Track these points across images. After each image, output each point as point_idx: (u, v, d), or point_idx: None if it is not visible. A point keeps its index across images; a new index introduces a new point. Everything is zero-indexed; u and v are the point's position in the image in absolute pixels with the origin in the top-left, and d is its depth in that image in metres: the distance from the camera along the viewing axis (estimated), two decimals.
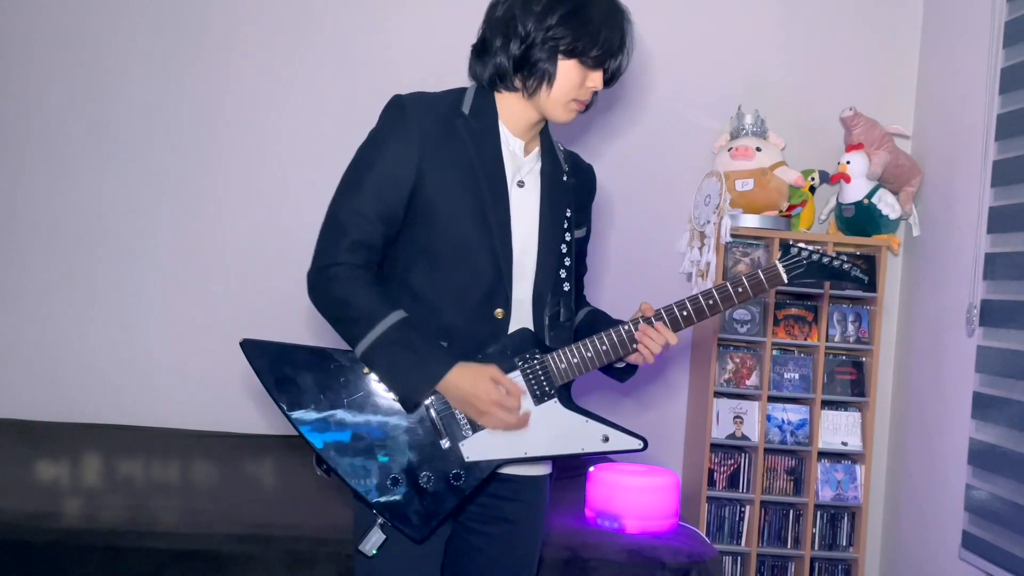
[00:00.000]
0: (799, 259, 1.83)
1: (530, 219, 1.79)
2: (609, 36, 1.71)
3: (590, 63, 1.72)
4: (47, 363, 3.60)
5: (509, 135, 1.80)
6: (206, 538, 2.45)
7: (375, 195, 1.70)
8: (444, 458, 1.71)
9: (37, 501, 2.60)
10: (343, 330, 1.72)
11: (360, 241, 1.71)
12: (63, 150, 3.60)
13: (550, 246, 1.80)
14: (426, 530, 1.72)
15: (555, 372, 1.75)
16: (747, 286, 1.80)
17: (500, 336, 1.74)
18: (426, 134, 1.71)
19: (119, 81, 3.60)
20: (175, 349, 3.60)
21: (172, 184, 3.62)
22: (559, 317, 1.81)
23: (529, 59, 1.71)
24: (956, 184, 3.30)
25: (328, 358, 1.73)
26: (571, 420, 1.76)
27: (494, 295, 1.74)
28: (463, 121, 1.75)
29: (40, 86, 3.59)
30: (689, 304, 1.79)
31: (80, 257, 3.60)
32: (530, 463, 1.80)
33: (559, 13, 1.68)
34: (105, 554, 2.40)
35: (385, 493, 1.70)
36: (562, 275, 1.82)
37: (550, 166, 1.85)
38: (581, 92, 1.75)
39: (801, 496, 3.48)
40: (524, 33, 1.70)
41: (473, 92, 1.80)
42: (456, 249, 1.72)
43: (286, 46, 3.62)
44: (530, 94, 1.75)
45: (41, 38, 3.59)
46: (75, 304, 3.60)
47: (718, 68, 3.70)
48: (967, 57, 3.29)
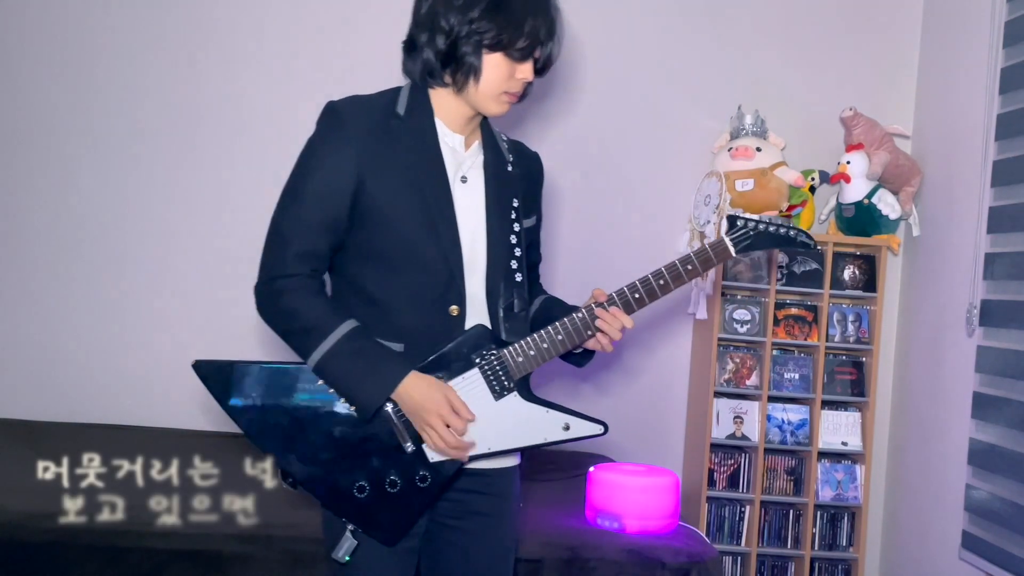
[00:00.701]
0: (746, 230, 1.83)
1: (476, 213, 1.79)
2: (535, 26, 1.69)
3: (516, 55, 1.70)
4: (47, 363, 3.60)
5: (447, 131, 1.79)
6: (206, 538, 2.45)
7: (316, 204, 1.70)
8: (409, 461, 1.72)
9: (37, 501, 2.59)
10: (294, 342, 1.71)
11: (305, 251, 1.70)
12: (63, 150, 3.59)
13: (499, 238, 1.79)
14: (397, 533, 1.73)
15: (512, 366, 1.75)
16: (696, 263, 1.81)
17: (456, 333, 1.74)
18: (362, 139, 1.71)
19: (119, 81, 3.60)
20: (175, 349, 3.59)
21: (172, 184, 3.62)
22: (513, 308, 1.80)
23: (455, 54, 1.70)
24: (956, 184, 3.30)
25: (283, 372, 1.73)
26: (532, 411, 1.77)
27: (447, 292, 1.73)
28: (399, 122, 1.74)
29: (40, 86, 3.59)
30: (640, 286, 1.80)
31: (80, 257, 3.60)
32: (496, 457, 1.80)
33: (481, 6, 1.67)
34: (105, 554, 2.40)
35: (353, 501, 1.71)
36: (513, 266, 1.81)
37: (492, 158, 1.84)
38: (511, 84, 1.73)
39: (801, 496, 3.48)
40: (448, 28, 1.69)
41: (408, 90, 1.79)
42: (404, 250, 1.72)
43: (289, 48, 3.62)
44: (459, 89, 1.74)
45: (41, 38, 3.59)
46: (75, 304, 3.60)
47: (718, 68, 3.70)
48: (967, 57, 3.29)
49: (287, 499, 2.83)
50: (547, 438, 1.78)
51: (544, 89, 3.66)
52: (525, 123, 3.62)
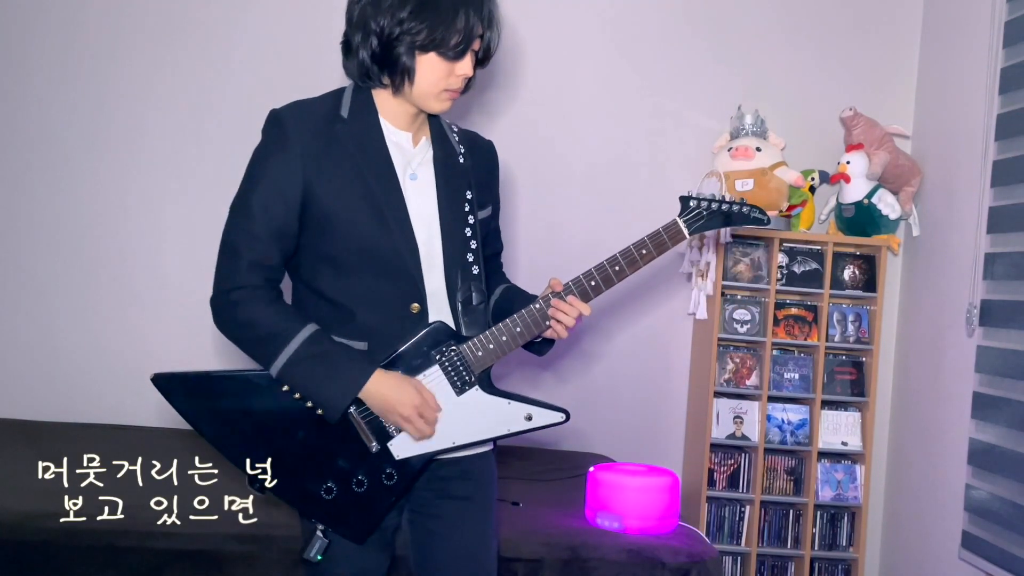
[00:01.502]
0: (699, 211, 1.85)
1: (429, 209, 1.78)
2: (468, 23, 1.66)
3: (451, 55, 1.68)
4: (47, 363, 3.60)
5: (393, 129, 1.78)
6: (206, 538, 2.45)
7: (263, 214, 1.69)
8: (375, 460, 1.73)
9: (37, 501, 2.59)
10: (254, 352, 1.71)
11: (256, 262, 1.70)
12: (63, 150, 3.59)
13: (453, 232, 1.79)
14: (366, 531, 1.75)
15: (472, 361, 1.76)
16: (650, 246, 1.83)
17: (418, 330, 1.74)
18: (307, 145, 1.69)
19: (119, 81, 3.60)
20: (175, 349, 3.60)
21: (172, 184, 3.62)
22: (472, 301, 1.81)
23: (388, 56, 1.68)
24: (956, 184, 3.30)
25: (245, 381, 1.73)
26: (494, 404, 1.79)
27: (407, 291, 1.73)
28: (343, 125, 1.73)
29: (40, 86, 3.59)
30: (596, 273, 1.82)
31: (80, 257, 3.60)
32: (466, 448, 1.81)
33: (410, 6, 1.64)
34: (105, 554, 2.39)
35: (321, 503, 1.73)
36: (470, 259, 1.82)
37: (442, 152, 1.83)
38: (450, 82, 1.72)
39: (801, 496, 3.48)
40: (378, 30, 1.67)
41: (351, 92, 1.78)
42: (359, 253, 1.71)
43: (289, 47, 3.62)
44: (396, 90, 1.73)
45: (41, 38, 3.59)
46: (75, 304, 3.60)
47: (718, 68, 3.70)
48: (967, 57, 3.29)
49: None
50: (510, 428, 1.80)
51: (543, 89, 3.66)
52: (525, 123, 3.62)
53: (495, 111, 3.59)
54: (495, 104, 3.60)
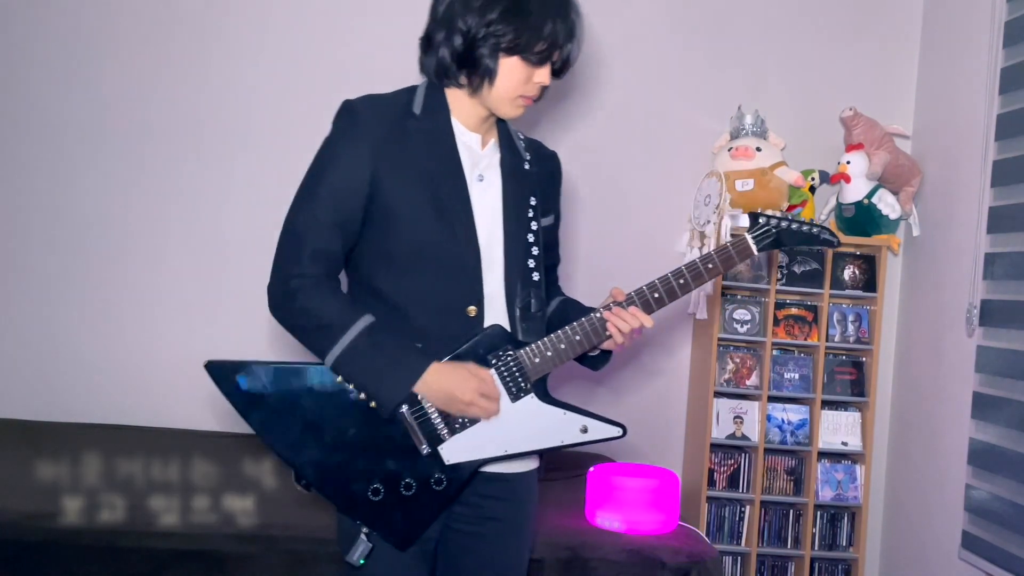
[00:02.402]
0: (767, 228, 1.80)
1: (493, 212, 1.77)
2: (554, 30, 1.67)
3: (534, 60, 1.68)
4: (47, 363, 3.60)
5: (463, 130, 1.77)
6: (206, 538, 2.45)
7: (330, 203, 1.68)
8: (424, 463, 1.70)
9: (37, 501, 2.59)
10: (310, 342, 1.69)
11: (320, 250, 1.68)
12: (63, 150, 3.59)
13: (516, 237, 1.78)
14: (411, 537, 1.71)
15: (529, 367, 1.73)
16: (717, 261, 1.78)
17: (474, 333, 1.71)
18: (378, 138, 1.69)
19: (119, 81, 3.60)
20: (175, 349, 3.60)
21: (173, 184, 3.62)
22: (530, 308, 1.78)
23: (471, 56, 1.68)
24: (956, 184, 3.30)
25: (298, 373, 1.70)
26: (549, 413, 1.75)
27: (465, 293, 1.71)
28: (415, 122, 1.72)
29: (40, 86, 3.59)
30: (660, 285, 1.78)
31: (80, 257, 3.60)
32: (515, 460, 1.78)
33: (500, 8, 1.64)
34: (105, 554, 2.39)
35: (367, 504, 1.68)
36: (531, 265, 1.80)
37: (509, 156, 1.82)
38: (527, 88, 1.72)
39: (801, 496, 3.48)
40: (465, 29, 1.66)
41: (424, 90, 1.77)
42: (420, 251, 1.69)
43: (290, 45, 3.62)
44: (474, 90, 1.72)
45: (41, 38, 3.59)
46: (75, 304, 3.60)
47: (718, 68, 3.70)
48: (967, 57, 3.29)
49: (287, 499, 2.83)
50: (564, 440, 1.76)
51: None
52: (523, 123, 3.62)
53: None
54: None
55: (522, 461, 1.81)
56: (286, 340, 1.91)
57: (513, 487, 1.81)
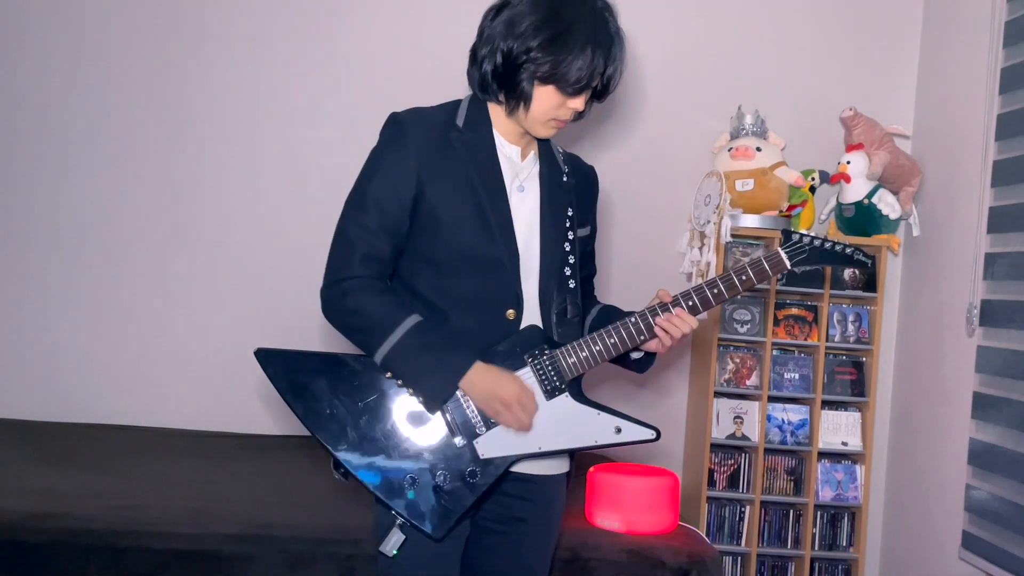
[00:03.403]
0: (801, 245, 1.83)
1: (531, 220, 1.82)
2: (592, 63, 1.70)
3: (569, 91, 1.72)
4: (47, 363, 3.60)
5: (504, 142, 1.83)
6: (206, 538, 2.45)
7: (378, 209, 1.74)
8: (459, 456, 1.74)
9: (37, 501, 2.59)
10: (360, 339, 1.75)
11: (369, 254, 1.75)
12: (64, 151, 3.60)
13: (553, 245, 1.83)
14: (444, 528, 1.74)
15: (565, 367, 1.77)
16: (751, 274, 1.81)
17: (510, 335, 1.77)
18: (423, 148, 1.75)
19: (120, 82, 3.60)
20: (175, 349, 3.60)
21: (173, 185, 3.62)
22: (566, 314, 1.84)
23: (509, 79, 1.73)
24: (956, 184, 3.30)
25: (341, 363, 1.76)
26: (583, 413, 1.79)
27: (504, 297, 1.77)
28: (458, 134, 1.78)
29: (40, 87, 3.60)
30: (695, 294, 1.82)
31: (80, 257, 3.60)
32: (546, 460, 1.82)
33: (541, 37, 1.68)
34: (105, 554, 2.39)
35: (403, 494, 1.72)
36: (567, 273, 1.85)
37: (548, 168, 1.88)
38: (561, 112, 1.76)
39: (801, 496, 3.48)
40: (506, 51, 1.71)
41: (467, 103, 1.83)
42: (461, 256, 1.75)
43: (293, 50, 3.63)
44: (509, 111, 1.78)
45: (41, 38, 3.59)
46: (75, 304, 3.61)
47: (718, 68, 3.70)
48: (967, 57, 3.29)
49: (288, 499, 2.83)
50: (598, 440, 1.79)
51: None
52: None
53: None
54: None
55: (552, 463, 1.85)
56: (288, 340, 1.91)
57: (541, 488, 1.85)
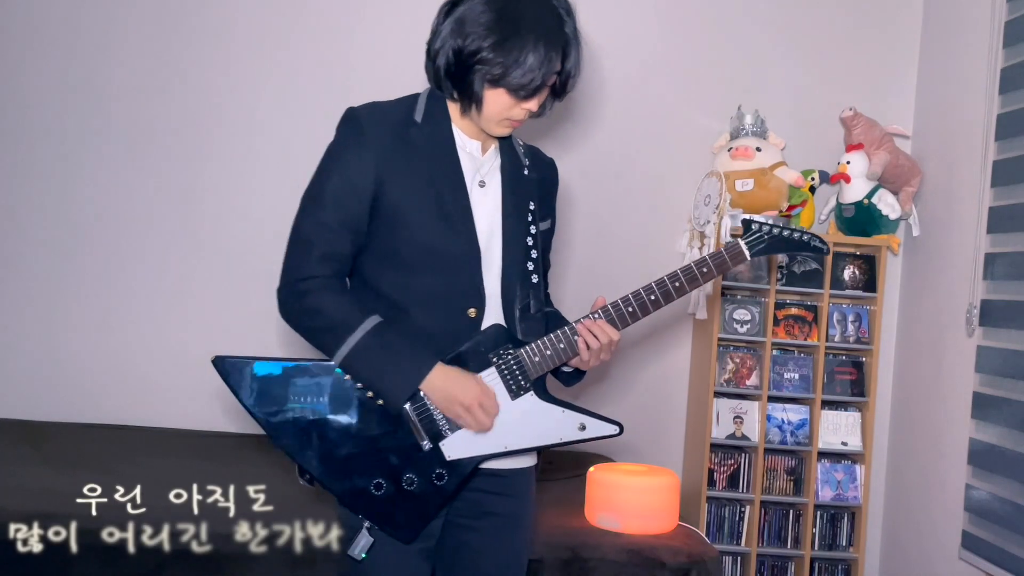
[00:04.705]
0: (760, 234, 1.84)
1: (493, 215, 1.80)
2: (543, 67, 1.67)
3: (521, 95, 1.70)
4: (47, 363, 3.60)
5: (464, 137, 1.80)
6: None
7: (337, 206, 1.71)
8: (426, 459, 1.73)
9: (37, 501, 2.59)
10: (319, 341, 1.72)
11: (328, 253, 1.72)
12: (64, 151, 3.60)
13: (515, 239, 1.81)
14: (414, 531, 1.74)
15: (529, 366, 1.76)
16: (711, 265, 1.82)
17: (474, 334, 1.75)
18: (382, 144, 1.72)
19: (118, 82, 3.60)
20: (175, 349, 3.60)
21: (173, 185, 3.62)
22: (529, 309, 1.82)
23: (460, 78, 1.70)
24: (956, 184, 3.30)
25: (303, 370, 1.74)
26: (548, 411, 1.78)
27: (466, 294, 1.75)
28: (416, 130, 1.75)
29: (38, 87, 3.59)
30: (656, 288, 1.81)
31: (81, 258, 3.60)
32: (514, 456, 1.81)
33: (492, 39, 1.65)
34: (105, 554, 2.39)
35: (370, 498, 1.72)
36: (529, 267, 1.83)
37: (509, 162, 1.85)
38: (515, 113, 1.74)
39: (801, 496, 3.48)
40: (456, 50, 1.68)
41: (426, 97, 1.80)
42: (422, 253, 1.73)
43: (292, 45, 3.62)
44: (463, 110, 1.75)
45: (40, 38, 3.59)
46: (75, 304, 3.60)
47: (718, 68, 3.70)
48: (967, 57, 3.29)
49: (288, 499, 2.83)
50: (563, 438, 1.79)
51: None
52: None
53: None
54: None
55: (520, 458, 1.84)
56: (289, 339, 1.91)
57: (511, 482, 1.84)
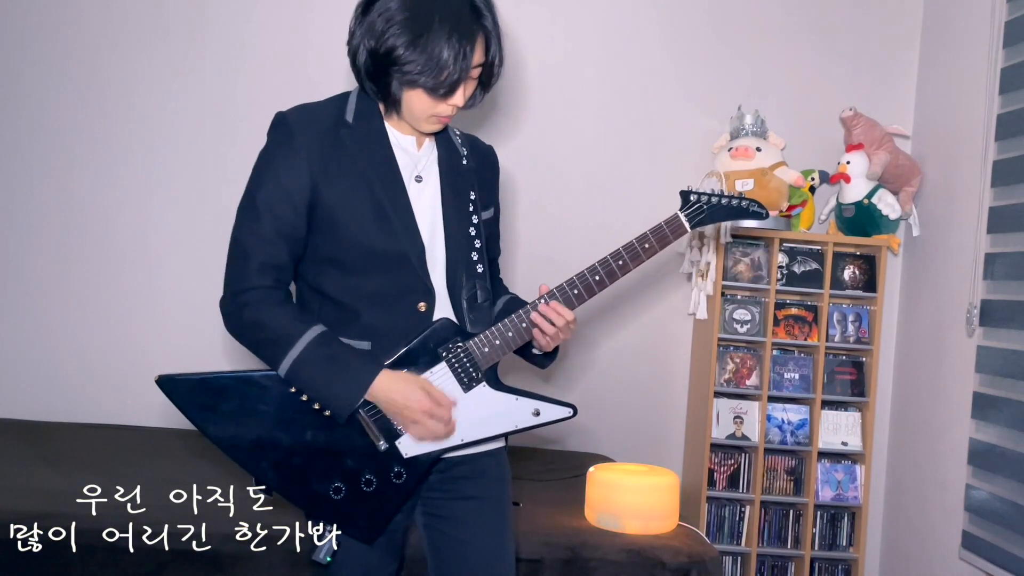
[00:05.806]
0: (699, 205, 1.87)
1: (434, 210, 1.79)
2: (458, 63, 1.63)
3: (440, 93, 1.67)
4: (47, 363, 3.60)
5: (397, 134, 1.78)
6: (206, 538, 2.44)
7: (271, 215, 1.68)
8: (383, 459, 1.73)
9: (37, 501, 2.59)
10: (263, 353, 1.71)
11: (266, 263, 1.70)
12: (64, 151, 3.60)
13: (457, 232, 1.80)
14: (375, 532, 1.74)
15: (479, 357, 1.76)
16: (652, 240, 1.85)
17: (423, 328, 1.74)
18: (313, 148, 1.69)
19: (119, 82, 3.60)
20: (175, 349, 3.60)
21: (173, 184, 3.62)
22: (477, 299, 1.81)
23: (378, 79, 1.68)
24: (956, 184, 3.30)
25: (250, 381, 1.72)
26: (502, 400, 1.79)
27: (414, 290, 1.73)
28: (348, 130, 1.73)
29: (39, 86, 3.59)
30: (600, 267, 1.83)
31: (80, 258, 3.60)
32: (476, 445, 1.81)
33: (401, 41, 1.61)
34: (105, 554, 2.39)
35: (329, 503, 1.72)
36: (474, 258, 1.82)
37: (446, 153, 1.84)
38: (440, 109, 1.71)
39: (801, 496, 3.48)
40: (371, 51, 1.65)
41: (356, 96, 1.77)
42: (364, 255, 1.70)
43: (287, 45, 3.62)
44: (386, 111, 1.74)
45: (40, 38, 3.59)
46: (75, 304, 3.60)
47: (718, 68, 3.70)
48: (967, 57, 3.29)
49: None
50: (517, 424, 1.80)
51: (546, 89, 3.66)
52: (525, 123, 3.62)
53: (494, 110, 3.60)
54: (493, 103, 3.60)
55: (485, 443, 1.84)
56: None
57: (484, 464, 1.84)
